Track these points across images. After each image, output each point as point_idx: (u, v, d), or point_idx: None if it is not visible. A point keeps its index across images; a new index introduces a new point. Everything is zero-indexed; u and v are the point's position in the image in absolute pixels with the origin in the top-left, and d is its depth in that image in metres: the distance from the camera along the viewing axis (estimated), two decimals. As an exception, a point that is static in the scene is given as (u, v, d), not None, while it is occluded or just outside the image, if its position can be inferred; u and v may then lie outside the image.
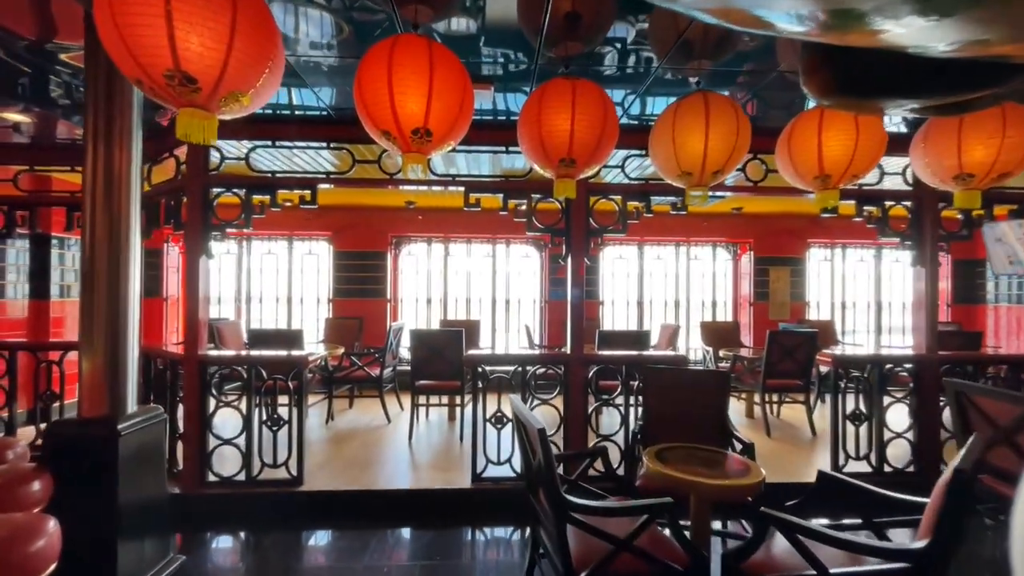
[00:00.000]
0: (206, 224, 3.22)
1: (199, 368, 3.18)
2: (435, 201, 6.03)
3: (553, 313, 6.57)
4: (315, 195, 3.27)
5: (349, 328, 5.96)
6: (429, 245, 6.75)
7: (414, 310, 6.70)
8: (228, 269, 6.54)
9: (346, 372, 4.85)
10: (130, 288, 2.23)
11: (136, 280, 2.28)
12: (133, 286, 2.25)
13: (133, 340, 2.25)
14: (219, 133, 3.12)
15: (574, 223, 3.29)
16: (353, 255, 6.49)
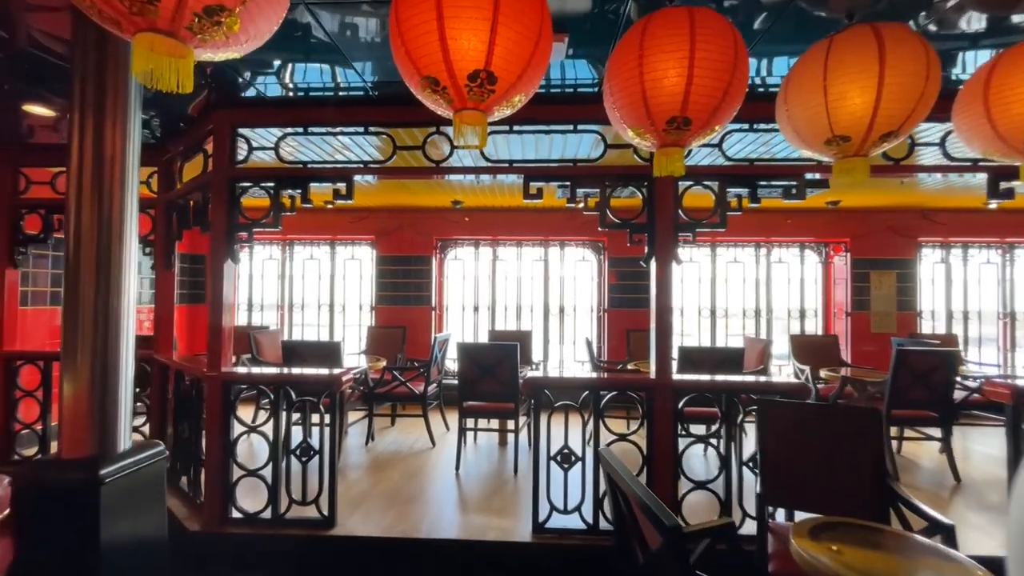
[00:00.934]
0: (231, 224, 2.84)
1: (222, 388, 2.78)
2: (483, 200, 5.53)
3: (614, 323, 5.88)
4: (351, 188, 2.81)
5: (392, 338, 5.54)
6: (476, 248, 6.26)
7: (460, 319, 6.22)
8: (271, 275, 6.32)
9: (388, 388, 4.40)
10: (122, 297, 1.81)
11: (131, 288, 1.86)
12: (126, 295, 1.83)
13: (126, 362, 1.83)
14: (246, 118, 2.73)
15: (659, 216, 2.65)
16: (396, 260, 6.10)
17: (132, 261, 1.87)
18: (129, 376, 1.84)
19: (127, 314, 1.83)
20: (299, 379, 2.85)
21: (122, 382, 1.80)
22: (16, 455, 3.71)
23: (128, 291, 1.84)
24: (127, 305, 1.83)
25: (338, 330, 6.24)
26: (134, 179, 1.87)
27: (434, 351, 4.42)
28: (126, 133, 1.83)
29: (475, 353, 3.76)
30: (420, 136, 2.78)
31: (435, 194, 5.25)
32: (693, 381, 2.68)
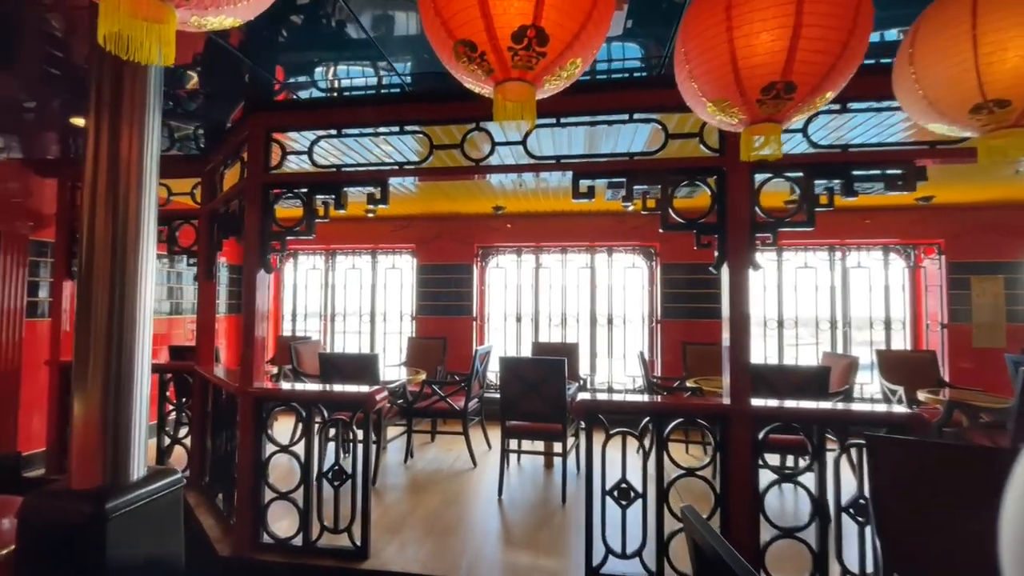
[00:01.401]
0: (264, 231, 2.72)
1: (254, 404, 2.65)
2: (526, 204, 5.27)
3: (668, 335, 5.43)
4: (386, 192, 2.62)
5: (432, 350, 5.36)
6: (519, 256, 6.00)
7: (502, 330, 5.97)
8: (314, 284, 6.34)
9: (428, 403, 4.19)
10: (138, 312, 1.67)
11: (147, 301, 1.72)
12: (142, 309, 1.69)
13: (141, 382, 1.68)
14: (280, 122, 2.60)
15: (732, 214, 2.28)
16: (437, 268, 5.95)
17: (149, 272, 1.72)
18: (144, 397, 1.70)
19: (142, 329, 1.69)
20: (331, 397, 2.67)
21: (136, 404, 1.65)
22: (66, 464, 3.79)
23: (144, 304, 1.69)
24: (142, 320, 1.69)
25: (379, 340, 6.15)
26: (151, 185, 1.73)
27: (475, 364, 4.18)
28: (144, 137, 1.70)
29: (519, 368, 3.47)
30: (458, 134, 2.55)
31: (476, 199, 5.05)
32: (778, 409, 2.26)
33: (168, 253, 4.89)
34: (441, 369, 5.13)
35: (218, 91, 2.73)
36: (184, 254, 3.84)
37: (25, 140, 3.53)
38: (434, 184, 4.46)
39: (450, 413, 4.11)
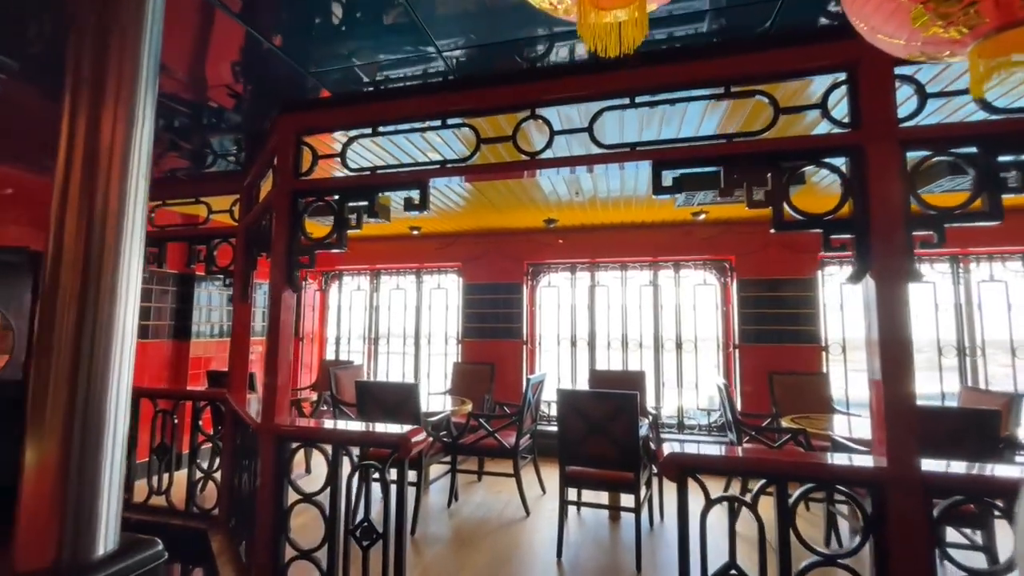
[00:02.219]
0: (292, 245, 2.40)
1: (274, 444, 2.28)
2: (580, 216, 4.80)
3: (750, 363, 4.70)
4: (425, 196, 2.25)
5: (479, 377, 4.92)
6: (572, 274, 5.50)
7: (555, 354, 5.44)
8: (358, 306, 6.13)
9: (474, 438, 3.72)
10: (115, 335, 1.33)
11: (127, 326, 1.38)
12: (120, 336, 1.35)
13: (116, 423, 1.32)
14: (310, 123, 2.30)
15: (877, 206, 1.69)
16: (484, 288, 5.55)
17: (131, 289, 1.39)
18: (118, 442, 1.34)
19: (120, 358, 1.34)
20: (359, 437, 2.26)
21: (107, 453, 1.30)
22: (105, 494, 3.62)
23: (123, 328, 1.35)
24: (120, 347, 1.34)
25: (423, 364, 5.80)
26: (138, 184, 1.41)
27: (527, 395, 3.68)
28: (132, 125, 1.39)
29: (580, 403, 2.94)
30: (508, 126, 2.14)
31: (526, 212, 4.64)
32: (969, 476, 1.60)
33: (206, 273, 4.84)
34: (488, 399, 4.67)
35: (255, 95, 2.49)
36: (222, 274, 3.66)
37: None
38: (481, 195, 4.09)
39: (499, 451, 3.62)
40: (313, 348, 6.25)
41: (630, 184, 3.66)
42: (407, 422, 3.26)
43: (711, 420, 4.90)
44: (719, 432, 4.81)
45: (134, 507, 3.51)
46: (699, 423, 4.91)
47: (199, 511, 3.36)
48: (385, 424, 2.36)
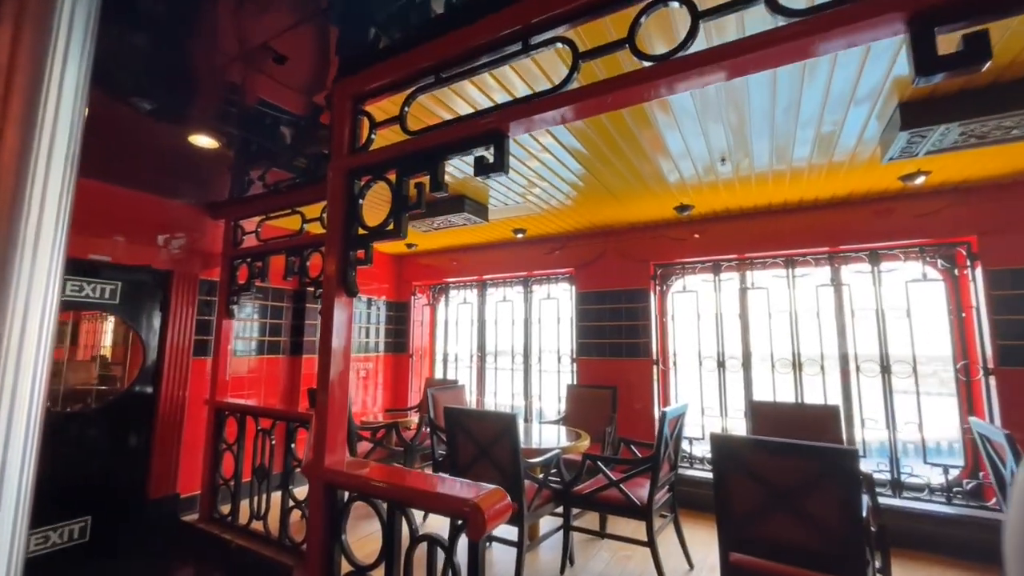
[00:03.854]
0: (346, 237, 1.90)
1: (324, 493, 1.75)
2: (723, 198, 3.71)
3: (1016, 394, 3.07)
4: (502, 152, 1.57)
5: (598, 403, 4.05)
6: (715, 275, 4.36)
7: (697, 376, 4.32)
8: (465, 320, 5.71)
9: (592, 485, 2.88)
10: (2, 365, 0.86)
11: (33, 331, 0.90)
12: (17, 343, 0.87)
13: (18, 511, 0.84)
14: (366, 83, 1.68)
15: None
16: (601, 296, 4.69)
17: (36, 291, 0.92)
18: (9, 484, 0.85)
19: (13, 374, 0.86)
20: (418, 498, 1.60)
21: None
22: (216, 512, 3.60)
23: (18, 339, 0.88)
24: (13, 362, 0.87)
25: (534, 384, 5.11)
26: (55, 150, 0.96)
27: (663, 433, 2.73)
28: (47, 59, 0.95)
29: (754, 462, 1.92)
30: (618, 30, 1.36)
31: (651, 199, 3.71)
32: None
33: (299, 285, 4.80)
34: (611, 432, 3.76)
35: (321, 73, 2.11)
36: (313, 286, 3.44)
37: (198, 186, 3.62)
38: (594, 180, 3.31)
39: (626, 508, 2.71)
40: (423, 366, 5.99)
41: (803, 140, 2.54)
42: (503, 464, 2.55)
43: (949, 477, 3.31)
44: (971, 498, 3.22)
45: (237, 529, 3.40)
46: (928, 482, 3.36)
47: (291, 544, 3.06)
48: (459, 479, 1.67)
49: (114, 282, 3.48)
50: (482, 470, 2.66)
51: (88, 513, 3.29)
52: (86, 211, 3.32)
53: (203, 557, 3.35)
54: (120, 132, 2.66)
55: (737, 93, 2.17)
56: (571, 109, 1.46)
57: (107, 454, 3.43)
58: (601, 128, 2.59)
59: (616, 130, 2.60)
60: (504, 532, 2.76)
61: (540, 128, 1.58)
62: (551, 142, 2.79)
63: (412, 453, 4.02)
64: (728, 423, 4.12)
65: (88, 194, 3.33)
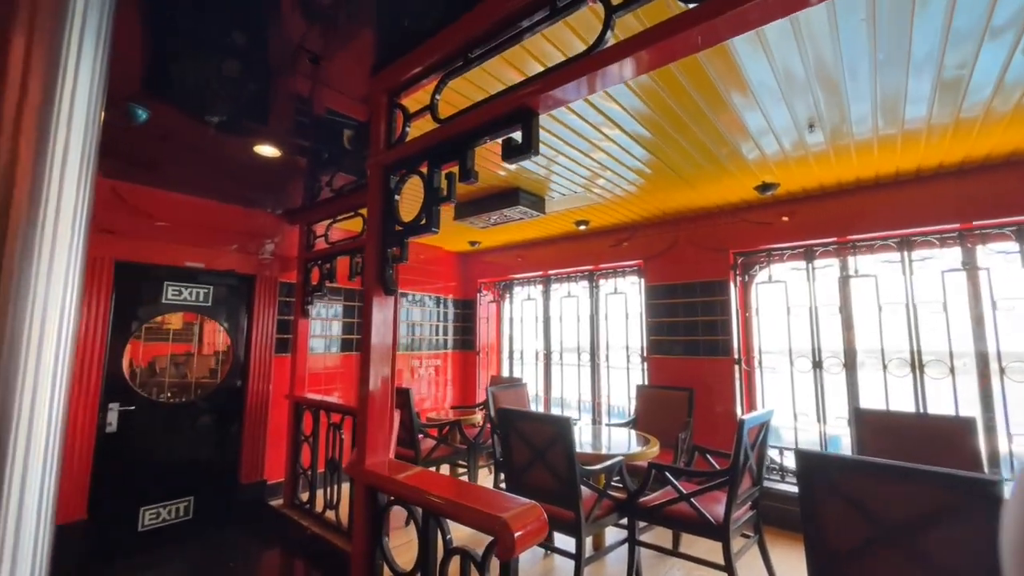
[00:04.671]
0: (385, 232, 1.87)
1: (365, 496, 1.73)
2: (814, 174, 3.20)
3: None
4: (530, 131, 1.41)
5: (671, 406, 3.73)
6: (808, 261, 3.81)
7: (787, 377, 3.81)
8: (529, 317, 5.59)
9: (661, 497, 2.62)
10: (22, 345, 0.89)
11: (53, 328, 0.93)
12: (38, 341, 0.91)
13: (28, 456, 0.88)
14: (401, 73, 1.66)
15: None
16: (672, 290, 4.32)
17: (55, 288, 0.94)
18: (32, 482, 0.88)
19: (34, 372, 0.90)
20: (447, 508, 1.49)
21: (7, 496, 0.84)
22: (297, 499, 3.85)
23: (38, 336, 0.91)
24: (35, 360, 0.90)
25: (602, 384, 4.85)
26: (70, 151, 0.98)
27: (742, 442, 2.40)
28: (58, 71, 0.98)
29: (851, 481, 1.58)
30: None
31: (728, 179, 3.32)
32: None
33: (362, 286, 4.95)
34: (686, 439, 3.43)
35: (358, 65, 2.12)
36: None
37: (278, 194, 3.88)
38: (661, 163, 3.02)
39: (699, 525, 2.42)
40: (490, 362, 5.98)
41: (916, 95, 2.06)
42: (558, 469, 2.40)
43: None
44: None
45: (314, 516, 3.59)
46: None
47: (359, 536, 3.17)
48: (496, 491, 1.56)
49: (207, 286, 3.84)
50: (537, 474, 2.53)
51: (191, 493, 3.67)
52: (182, 223, 3.69)
53: (285, 540, 3.59)
54: (197, 148, 2.89)
55: (822, 43, 1.81)
56: (603, 74, 1.27)
57: (207, 441, 3.81)
58: (667, 110, 2.34)
59: (684, 110, 2.33)
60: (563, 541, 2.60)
61: (574, 99, 1.40)
62: (616, 132, 2.60)
63: (476, 451, 3.99)
64: (827, 431, 3.58)
65: (182, 207, 3.69)
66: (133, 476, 3.39)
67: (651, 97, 2.25)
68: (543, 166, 3.12)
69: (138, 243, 3.46)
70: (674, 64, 2.01)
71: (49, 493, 0.93)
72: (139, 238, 3.47)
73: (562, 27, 1.69)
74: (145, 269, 3.52)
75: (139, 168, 3.24)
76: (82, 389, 3.16)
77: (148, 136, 2.68)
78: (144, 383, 3.55)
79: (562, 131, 2.63)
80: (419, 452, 3.71)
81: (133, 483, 3.39)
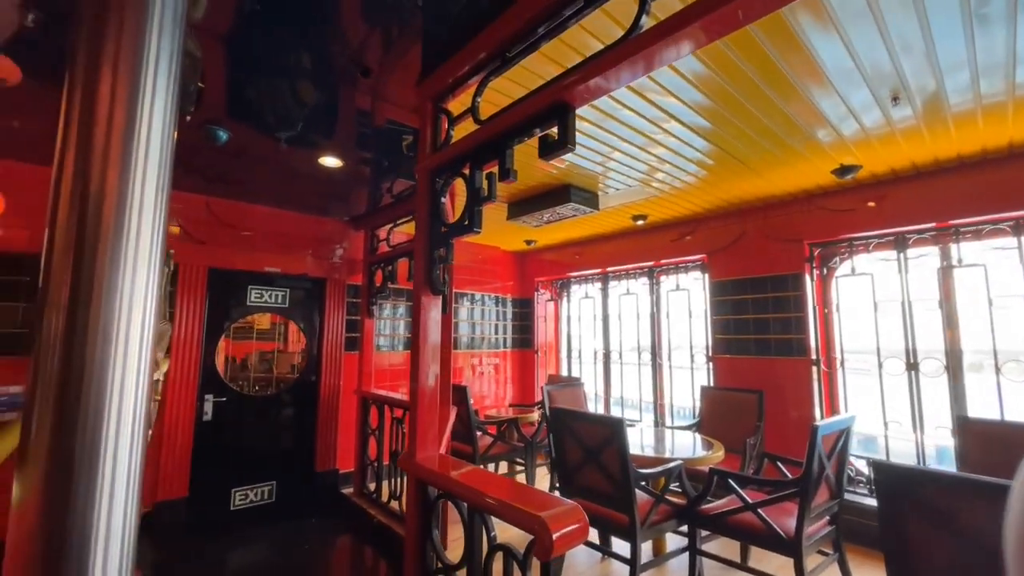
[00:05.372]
0: (432, 236, 1.93)
1: (417, 488, 1.79)
2: (904, 151, 2.85)
3: None
4: (567, 124, 1.39)
5: (739, 410, 3.51)
6: (900, 251, 3.40)
7: (875, 380, 3.43)
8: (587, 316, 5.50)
9: (727, 507, 2.47)
10: (113, 343, 1.02)
11: (137, 333, 1.06)
12: (124, 343, 1.03)
13: (116, 453, 1.00)
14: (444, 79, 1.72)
15: None
16: (740, 285, 4.05)
17: (139, 294, 1.07)
18: (121, 476, 1.00)
19: (120, 374, 1.02)
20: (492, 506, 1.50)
21: (102, 489, 0.97)
22: (365, 488, 4.08)
23: (125, 340, 1.03)
24: (122, 362, 1.03)
25: (665, 383, 4.66)
26: (148, 168, 1.11)
27: (815, 449, 2.20)
28: (138, 103, 1.11)
29: (941, 499, 1.39)
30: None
31: (801, 163, 3.05)
32: None
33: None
34: (755, 444, 3.21)
35: None
36: (431, 285, 3.63)
37: (344, 201, 4.14)
38: (724, 152, 2.85)
39: (767, 538, 2.25)
40: (549, 361, 5.97)
41: None
42: (612, 471, 2.35)
43: None
44: None
45: (380, 506, 3.79)
46: None
47: (420, 526, 3.30)
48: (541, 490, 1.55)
49: (284, 289, 4.19)
50: (590, 475, 2.49)
51: (274, 479, 4.02)
52: (261, 232, 4.05)
53: (355, 527, 3.82)
54: (269, 161, 3.15)
55: (899, 4, 1.60)
56: (640, 60, 1.22)
57: (286, 431, 4.15)
58: (730, 101, 2.23)
59: (749, 99, 2.22)
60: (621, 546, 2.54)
61: (610, 90, 1.36)
62: (675, 126, 2.51)
63: (533, 450, 4.00)
64: (924, 441, 3.18)
65: (261, 218, 4.05)
66: (225, 460, 3.78)
67: (712, 89, 2.14)
68: (597, 162, 3.06)
69: (226, 251, 3.85)
70: (736, 54, 1.89)
71: (135, 477, 1.06)
72: (227, 247, 3.86)
73: (600, 16, 1.65)
74: (232, 275, 3.91)
75: (225, 184, 3.60)
76: (183, 382, 3.57)
77: (227, 154, 2.97)
78: (234, 377, 3.94)
79: (616, 127, 2.56)
80: (477, 448, 3.79)
81: (225, 466, 3.78)
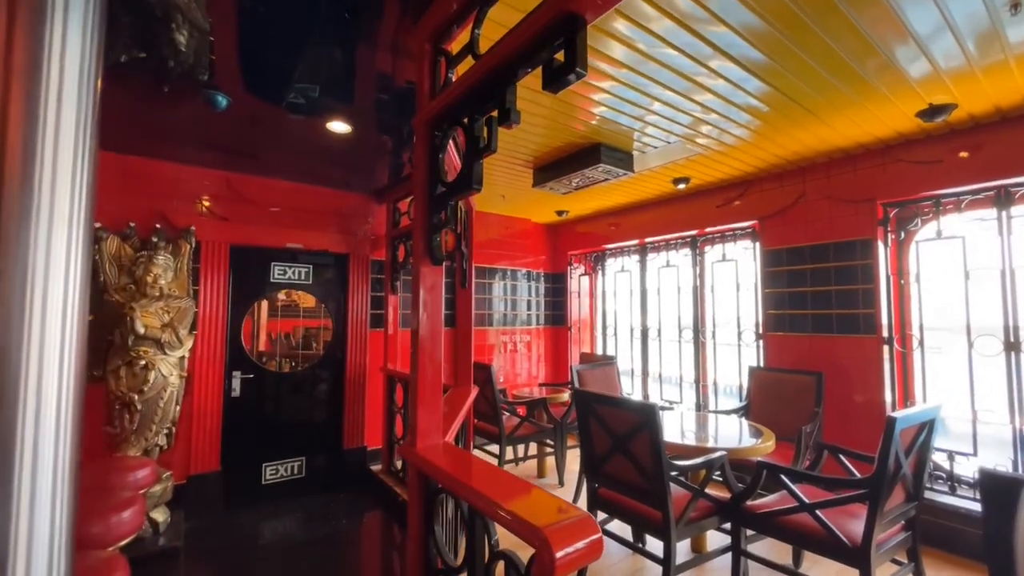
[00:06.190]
0: (430, 197, 1.70)
1: (418, 481, 1.62)
2: (1016, 81, 2.31)
3: None
4: (574, 43, 1.09)
5: (793, 393, 3.13)
6: (1001, 210, 2.85)
7: (963, 360, 2.94)
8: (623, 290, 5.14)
9: (777, 506, 2.17)
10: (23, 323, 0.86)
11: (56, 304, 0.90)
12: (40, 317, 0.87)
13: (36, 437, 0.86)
14: (442, 14, 1.54)
15: None
16: (798, 254, 3.58)
17: (56, 263, 0.90)
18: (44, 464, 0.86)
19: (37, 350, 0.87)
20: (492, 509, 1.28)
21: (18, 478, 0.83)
22: (393, 466, 4.04)
23: (36, 312, 0.87)
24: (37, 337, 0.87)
25: (709, 363, 4.29)
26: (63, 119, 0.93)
27: (892, 444, 1.84)
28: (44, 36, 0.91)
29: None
30: None
31: (876, 105, 2.56)
32: None
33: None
34: (811, 432, 2.84)
35: None
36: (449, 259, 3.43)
37: (366, 175, 3.98)
38: (781, 96, 2.42)
39: (827, 544, 1.93)
40: (583, 338, 5.69)
41: None
42: (643, 462, 2.09)
43: None
44: None
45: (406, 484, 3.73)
46: None
47: (444, 508, 3.20)
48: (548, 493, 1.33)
49: (307, 265, 4.11)
50: (619, 465, 2.24)
51: (303, 454, 4.04)
52: (282, 207, 3.96)
53: (383, 503, 3.78)
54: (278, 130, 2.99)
55: None
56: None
57: (314, 408, 4.14)
58: (788, 17, 1.82)
59: (812, 10, 1.77)
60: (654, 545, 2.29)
61: None
62: (724, 64, 2.14)
63: (563, 431, 3.79)
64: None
65: (281, 192, 3.95)
66: (255, 435, 3.81)
67: (769, 7, 1.74)
68: (633, 116, 2.70)
69: (247, 228, 3.79)
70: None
71: (64, 480, 0.91)
72: (249, 223, 3.80)
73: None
74: (255, 251, 3.86)
75: (244, 158, 3.50)
76: (210, 358, 3.59)
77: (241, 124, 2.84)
78: (260, 354, 3.94)
79: (655, 70, 2.20)
80: (503, 429, 3.62)
81: (255, 442, 3.81)
